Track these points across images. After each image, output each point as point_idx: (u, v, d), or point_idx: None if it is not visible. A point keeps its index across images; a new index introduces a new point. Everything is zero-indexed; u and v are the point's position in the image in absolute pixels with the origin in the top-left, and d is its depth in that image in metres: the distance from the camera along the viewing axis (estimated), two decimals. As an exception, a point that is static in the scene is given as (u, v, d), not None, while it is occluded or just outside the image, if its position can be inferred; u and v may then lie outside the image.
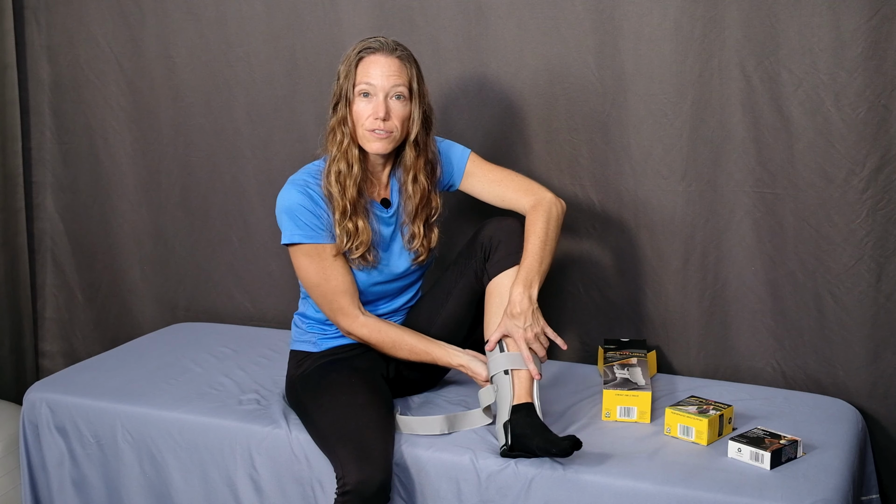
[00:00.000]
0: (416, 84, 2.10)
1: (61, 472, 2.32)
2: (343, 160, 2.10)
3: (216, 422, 2.18)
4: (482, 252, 2.14)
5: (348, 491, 1.89)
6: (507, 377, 2.02)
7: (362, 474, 1.89)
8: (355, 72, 2.08)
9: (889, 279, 2.24)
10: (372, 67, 2.07)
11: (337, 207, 2.10)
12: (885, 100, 2.16)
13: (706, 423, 1.99)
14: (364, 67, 2.08)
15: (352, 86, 2.08)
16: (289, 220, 2.10)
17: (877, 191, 2.21)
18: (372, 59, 2.08)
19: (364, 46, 2.10)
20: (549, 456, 1.90)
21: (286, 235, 2.12)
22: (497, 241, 2.12)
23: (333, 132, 2.12)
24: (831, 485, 1.84)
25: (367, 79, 2.07)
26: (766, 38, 2.25)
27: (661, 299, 2.49)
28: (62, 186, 3.08)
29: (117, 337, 3.07)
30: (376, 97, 2.07)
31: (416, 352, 2.14)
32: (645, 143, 2.41)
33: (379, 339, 2.15)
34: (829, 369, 2.34)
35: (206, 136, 2.87)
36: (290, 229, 2.10)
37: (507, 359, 2.04)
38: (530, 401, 2.00)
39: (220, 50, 2.79)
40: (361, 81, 2.07)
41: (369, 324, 2.15)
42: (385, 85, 2.07)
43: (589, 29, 2.41)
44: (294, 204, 2.10)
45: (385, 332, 2.15)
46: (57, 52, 2.98)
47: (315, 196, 2.11)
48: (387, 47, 2.09)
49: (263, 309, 2.92)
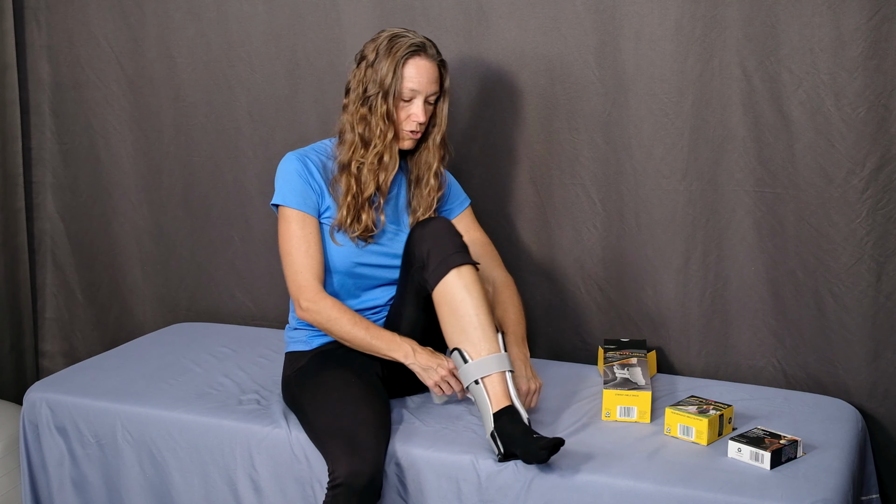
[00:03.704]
0: (447, 84, 2.21)
1: (61, 472, 2.32)
2: (388, 153, 2.17)
3: (216, 422, 2.18)
4: (418, 263, 2.10)
5: (338, 484, 1.89)
6: (480, 386, 2.00)
7: (352, 467, 1.89)
8: (402, 71, 2.12)
9: (889, 279, 2.24)
10: (417, 71, 2.13)
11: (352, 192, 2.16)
12: (885, 100, 2.16)
13: (706, 423, 1.99)
14: (410, 70, 2.13)
15: (399, 85, 2.12)
16: (290, 182, 2.16)
17: (877, 190, 2.21)
18: (418, 63, 2.13)
19: (410, 45, 2.13)
20: (533, 463, 1.90)
21: (278, 196, 2.17)
22: (427, 249, 2.07)
23: (367, 122, 2.15)
24: (831, 485, 1.84)
25: (413, 84, 2.13)
26: (766, 38, 2.25)
27: (662, 299, 2.49)
28: (62, 186, 3.07)
29: (117, 337, 3.07)
30: (417, 100, 2.14)
31: (358, 340, 2.12)
32: (646, 142, 2.41)
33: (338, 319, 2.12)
34: (830, 368, 2.34)
35: (207, 136, 2.87)
36: (283, 191, 2.16)
37: (476, 367, 2.01)
38: (509, 403, 1.98)
39: (222, 49, 2.79)
40: (408, 85, 2.13)
41: (328, 305, 2.13)
42: (427, 90, 2.15)
43: (589, 28, 2.41)
44: (292, 170, 2.17)
45: (342, 313, 2.12)
46: (57, 52, 2.98)
47: (313, 169, 2.18)
48: (428, 49, 2.16)
49: (265, 309, 2.92)
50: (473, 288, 2.04)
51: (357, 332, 2.11)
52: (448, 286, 2.04)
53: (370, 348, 2.12)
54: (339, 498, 1.90)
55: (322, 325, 2.15)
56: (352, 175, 2.17)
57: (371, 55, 2.14)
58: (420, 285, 2.11)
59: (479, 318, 2.02)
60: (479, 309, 2.03)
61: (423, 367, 2.07)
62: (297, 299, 2.15)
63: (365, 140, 2.17)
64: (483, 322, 2.02)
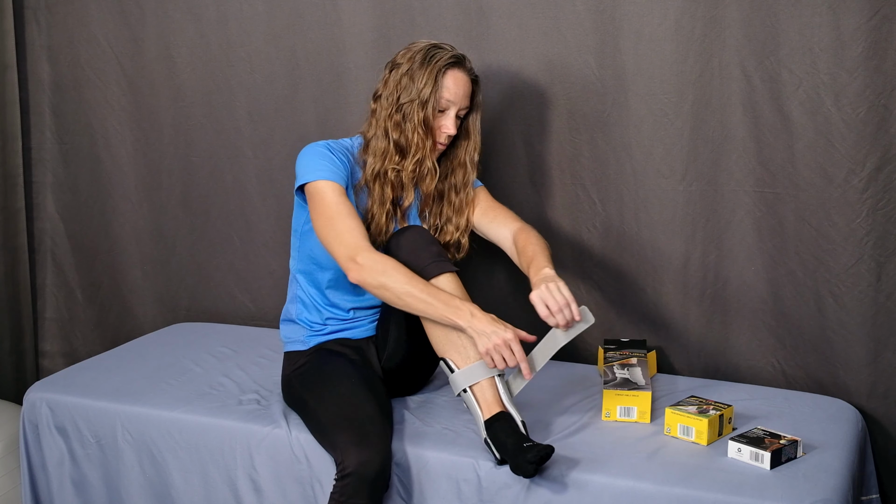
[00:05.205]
0: (479, 99, 2.23)
1: (61, 472, 2.32)
2: (429, 159, 2.17)
3: (216, 422, 2.18)
4: None
5: (348, 474, 1.89)
6: (469, 395, 1.99)
7: (362, 456, 1.89)
8: (442, 82, 2.13)
9: (889, 279, 2.24)
10: (455, 83, 2.15)
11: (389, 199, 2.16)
12: (885, 100, 2.16)
13: (706, 423, 1.99)
14: (449, 80, 2.14)
15: (439, 95, 2.13)
16: (319, 160, 2.11)
17: (877, 190, 2.21)
18: (456, 75, 2.16)
19: (450, 56, 2.15)
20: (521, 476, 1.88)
21: (306, 175, 2.11)
22: (404, 260, 2.05)
23: (402, 129, 2.14)
24: (831, 485, 1.84)
25: (450, 95, 2.15)
26: (766, 38, 2.25)
27: (662, 299, 2.49)
28: (62, 186, 3.08)
29: (117, 337, 3.07)
30: (450, 112, 2.16)
31: (414, 297, 1.99)
32: (645, 142, 2.41)
33: (394, 272, 2.00)
34: (829, 369, 2.34)
35: (206, 136, 2.87)
36: (312, 168, 2.11)
37: (463, 376, 2.00)
38: (500, 409, 1.97)
39: (221, 50, 2.79)
40: (446, 96, 2.14)
41: (383, 259, 2.02)
42: (461, 104, 2.17)
43: (589, 29, 2.41)
44: (316, 152, 2.14)
45: (398, 267, 2.01)
46: (57, 52, 2.98)
47: (338, 154, 2.15)
48: (466, 63, 2.18)
49: (264, 309, 2.92)
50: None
51: (412, 289, 1.98)
52: None
53: (425, 308, 1.98)
54: (349, 488, 1.89)
55: (378, 282, 2.00)
56: (388, 182, 2.16)
57: (406, 64, 2.14)
58: None
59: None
60: None
61: (479, 331, 1.94)
62: (351, 258, 2.01)
63: (401, 147, 2.15)
64: None
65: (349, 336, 2.25)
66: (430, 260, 2.05)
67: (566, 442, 2.01)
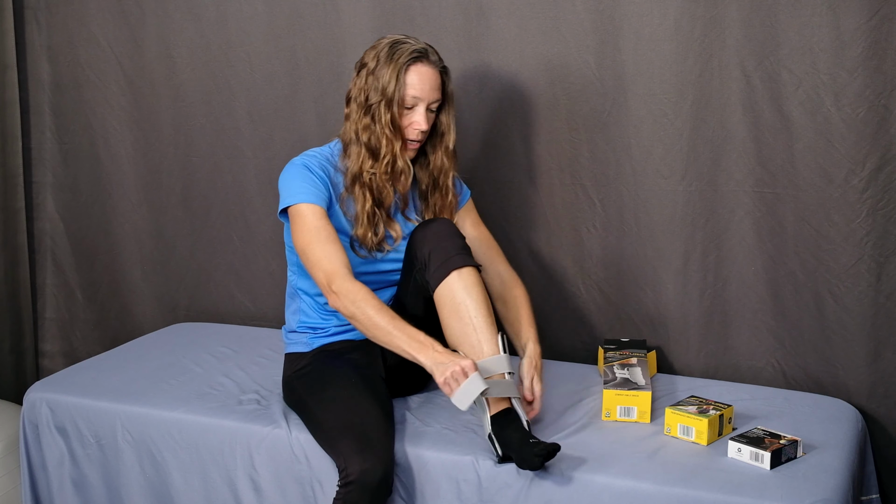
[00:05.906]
0: (450, 90, 2.18)
1: (61, 472, 2.32)
2: (400, 159, 2.14)
3: (216, 422, 2.18)
4: (420, 264, 2.09)
5: (351, 482, 1.89)
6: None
7: (365, 464, 1.89)
8: (405, 78, 2.10)
9: (889, 279, 2.24)
10: (419, 78, 2.11)
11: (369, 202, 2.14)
12: (885, 100, 2.16)
13: (706, 423, 1.99)
14: (412, 77, 2.10)
15: (402, 93, 2.10)
16: (298, 181, 2.11)
17: (877, 191, 2.21)
18: (420, 70, 2.11)
19: (412, 51, 2.11)
20: (527, 469, 1.89)
21: (287, 198, 2.12)
22: (429, 250, 2.06)
23: (372, 131, 2.12)
24: (831, 485, 1.84)
25: (416, 91, 2.11)
26: (766, 38, 2.25)
27: (662, 299, 2.49)
28: (62, 186, 3.08)
29: (117, 337, 3.07)
30: (419, 108, 2.12)
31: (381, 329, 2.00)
32: (645, 142, 2.41)
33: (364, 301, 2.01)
34: (829, 369, 2.34)
35: (206, 136, 2.87)
36: (292, 191, 2.11)
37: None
38: (507, 405, 1.98)
39: (221, 50, 2.79)
40: (411, 93, 2.10)
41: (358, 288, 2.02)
42: (430, 97, 2.13)
43: (589, 29, 2.41)
44: (295, 172, 2.13)
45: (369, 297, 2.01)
46: (57, 52, 2.98)
47: (316, 170, 2.14)
48: (430, 56, 2.13)
49: (264, 309, 2.92)
50: (474, 290, 2.03)
51: (380, 321, 1.98)
52: (449, 288, 2.04)
53: (390, 340, 1.99)
54: (352, 495, 1.89)
55: (349, 312, 2.02)
56: (365, 185, 2.15)
57: (371, 63, 2.12)
58: (421, 286, 2.10)
59: (479, 319, 2.02)
60: (479, 311, 2.02)
61: (437, 363, 1.93)
62: (328, 285, 2.04)
63: (372, 149, 2.14)
64: (483, 324, 2.02)
65: (352, 337, 2.25)
66: (454, 252, 2.06)
67: (566, 442, 2.00)
